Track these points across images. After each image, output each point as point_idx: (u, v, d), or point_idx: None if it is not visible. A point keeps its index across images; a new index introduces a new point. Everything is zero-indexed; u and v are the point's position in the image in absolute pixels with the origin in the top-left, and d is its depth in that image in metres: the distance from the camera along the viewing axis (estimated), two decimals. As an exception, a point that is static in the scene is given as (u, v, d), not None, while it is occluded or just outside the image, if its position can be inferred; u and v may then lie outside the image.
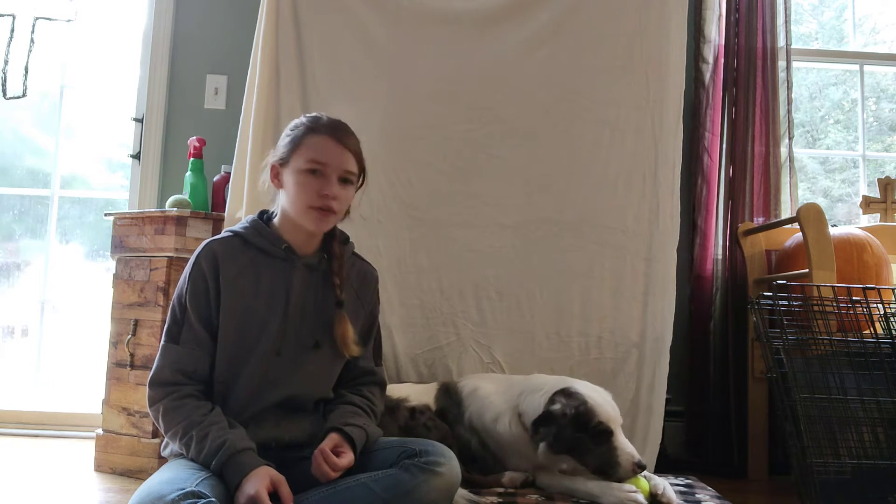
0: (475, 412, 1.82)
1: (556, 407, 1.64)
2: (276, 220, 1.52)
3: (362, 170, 1.53)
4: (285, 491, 1.30)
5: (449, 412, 1.85)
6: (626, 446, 1.61)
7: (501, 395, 1.83)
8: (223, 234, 1.53)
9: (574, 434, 1.61)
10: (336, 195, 1.46)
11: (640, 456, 1.62)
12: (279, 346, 1.46)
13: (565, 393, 1.67)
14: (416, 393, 1.89)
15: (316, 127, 1.50)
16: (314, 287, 1.51)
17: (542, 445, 1.65)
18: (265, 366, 1.45)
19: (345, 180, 1.48)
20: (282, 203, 1.51)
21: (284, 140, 1.52)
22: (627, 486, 1.57)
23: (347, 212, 1.57)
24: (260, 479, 1.28)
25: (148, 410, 1.43)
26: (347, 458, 1.37)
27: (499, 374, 2.14)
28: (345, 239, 1.59)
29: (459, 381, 1.97)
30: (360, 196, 1.57)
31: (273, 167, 1.51)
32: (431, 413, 1.82)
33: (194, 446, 1.34)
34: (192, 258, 1.47)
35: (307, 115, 1.57)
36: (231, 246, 1.48)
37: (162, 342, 1.45)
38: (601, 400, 1.66)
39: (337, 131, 1.50)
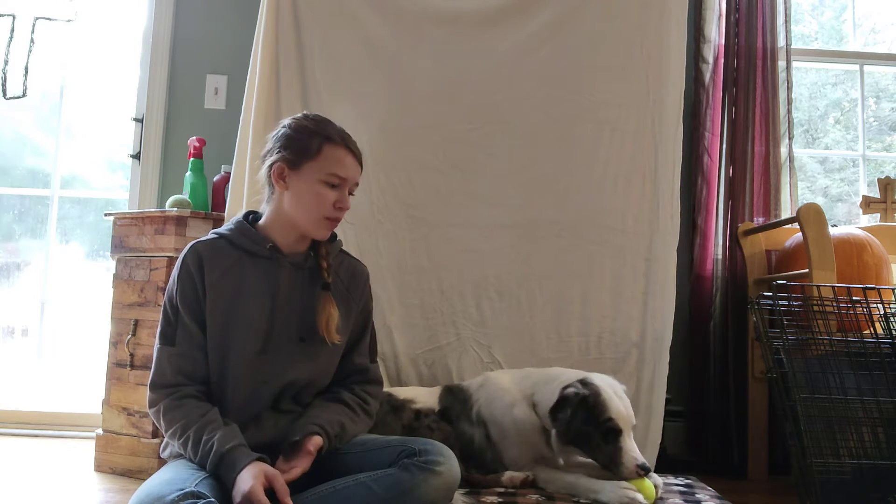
0: (485, 402, 1.82)
1: (570, 391, 1.65)
2: (264, 221, 1.52)
3: None
4: (280, 485, 1.29)
5: (452, 410, 1.86)
6: (631, 449, 1.60)
7: (516, 385, 1.84)
8: (208, 235, 1.52)
9: (583, 426, 1.61)
10: (348, 207, 1.52)
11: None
12: (267, 345, 1.46)
13: (582, 382, 1.69)
14: (422, 395, 1.91)
15: (331, 137, 1.49)
16: (301, 285, 1.51)
17: (554, 433, 1.66)
18: (254, 365, 1.45)
19: (351, 192, 1.54)
20: (281, 204, 1.49)
21: (291, 141, 1.48)
22: (626, 484, 1.57)
23: None
24: (253, 476, 1.26)
25: (149, 412, 1.43)
26: (299, 468, 1.35)
27: (509, 368, 2.12)
28: (332, 236, 1.59)
29: (465, 381, 1.99)
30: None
31: (279, 167, 1.47)
32: (436, 415, 1.83)
33: (191, 446, 1.34)
34: (179, 260, 1.47)
35: (308, 115, 1.55)
36: (216, 247, 1.48)
37: (157, 345, 1.45)
38: (616, 397, 1.65)
39: (352, 144, 1.53)
